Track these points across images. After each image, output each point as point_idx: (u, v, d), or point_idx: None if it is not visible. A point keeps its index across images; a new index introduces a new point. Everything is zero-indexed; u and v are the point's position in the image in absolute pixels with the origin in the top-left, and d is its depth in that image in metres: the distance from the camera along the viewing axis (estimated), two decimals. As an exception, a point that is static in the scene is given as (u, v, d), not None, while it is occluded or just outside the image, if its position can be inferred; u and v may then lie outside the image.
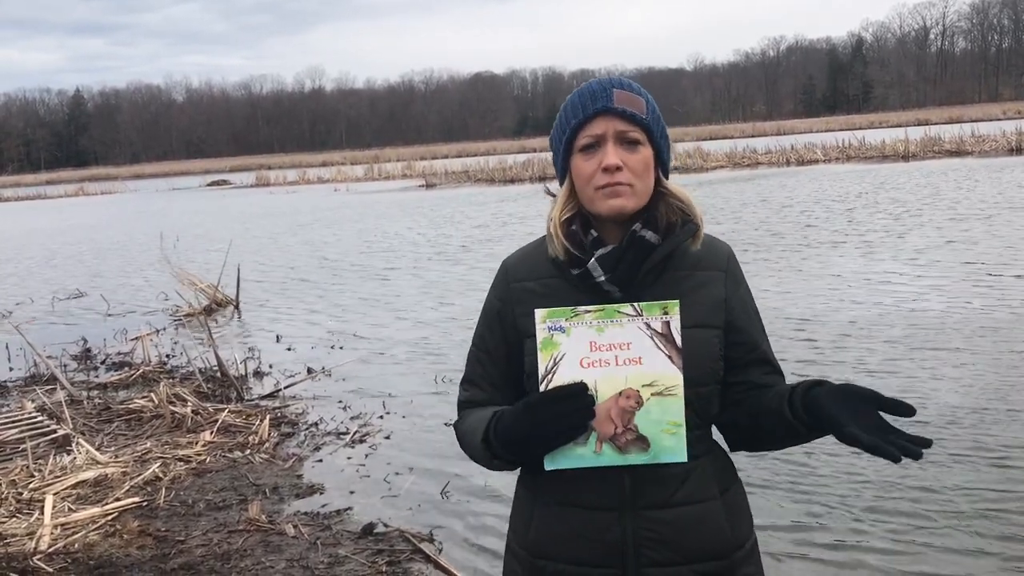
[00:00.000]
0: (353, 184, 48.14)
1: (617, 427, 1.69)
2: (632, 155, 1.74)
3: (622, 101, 1.74)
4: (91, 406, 7.49)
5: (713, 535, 1.76)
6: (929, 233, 14.10)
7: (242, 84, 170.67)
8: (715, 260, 1.84)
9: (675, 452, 1.70)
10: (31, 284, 16.50)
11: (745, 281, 1.89)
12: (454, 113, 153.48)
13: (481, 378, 1.93)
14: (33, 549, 4.66)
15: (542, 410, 1.67)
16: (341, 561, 4.45)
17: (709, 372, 1.77)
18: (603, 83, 1.78)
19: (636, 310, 1.70)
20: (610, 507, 1.74)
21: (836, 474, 5.13)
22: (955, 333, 7.98)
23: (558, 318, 1.71)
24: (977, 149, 33.84)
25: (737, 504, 1.85)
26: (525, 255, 1.91)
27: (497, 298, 1.90)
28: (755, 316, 1.88)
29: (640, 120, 1.74)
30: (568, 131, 1.78)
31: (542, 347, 1.71)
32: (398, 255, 16.73)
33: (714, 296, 1.81)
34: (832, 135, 47.62)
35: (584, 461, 1.71)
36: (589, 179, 1.75)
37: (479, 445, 1.80)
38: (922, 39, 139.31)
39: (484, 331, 1.92)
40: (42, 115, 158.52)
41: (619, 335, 1.70)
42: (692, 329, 1.74)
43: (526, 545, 1.85)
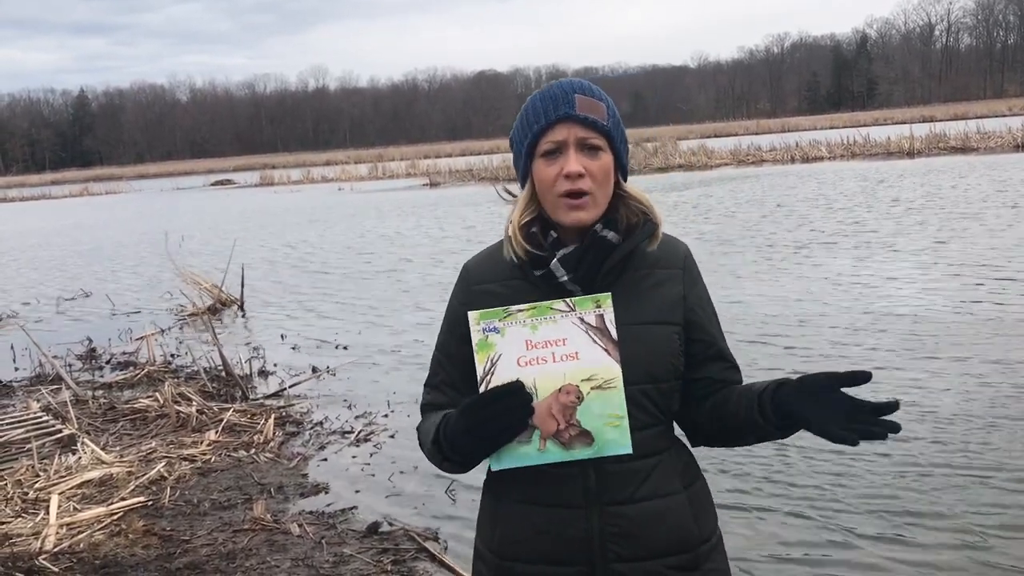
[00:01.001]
0: (357, 183, 48.16)
1: (560, 423, 1.69)
2: (593, 162, 1.76)
3: (584, 107, 1.75)
4: (96, 406, 7.50)
5: (678, 529, 1.78)
6: (930, 232, 14.07)
7: (246, 83, 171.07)
8: (672, 259, 1.87)
9: (619, 444, 1.70)
10: (36, 284, 16.53)
11: (702, 279, 1.92)
12: (458, 112, 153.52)
13: (442, 382, 1.94)
14: (39, 549, 4.66)
15: (480, 411, 1.68)
16: (346, 560, 4.45)
17: (670, 368, 1.80)
18: (564, 87, 1.79)
19: (569, 305, 1.70)
20: (575, 504, 1.75)
21: (823, 473, 5.12)
22: (955, 335, 7.96)
23: (491, 319, 1.72)
24: (982, 146, 33.75)
25: (701, 498, 1.86)
26: (486, 257, 1.93)
27: (459, 302, 1.91)
28: (712, 313, 1.91)
29: (601, 127, 1.76)
30: (530, 136, 1.79)
31: (478, 349, 1.72)
32: (403, 254, 16.72)
33: (673, 294, 1.83)
34: (837, 132, 47.56)
35: (529, 459, 1.71)
36: (551, 185, 1.77)
37: (431, 447, 1.82)
38: (927, 35, 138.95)
39: (446, 335, 1.93)
40: (46, 115, 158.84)
41: (554, 331, 1.70)
42: (652, 326, 1.78)
43: (492, 547, 1.85)
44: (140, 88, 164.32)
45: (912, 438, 5.47)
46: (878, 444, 5.30)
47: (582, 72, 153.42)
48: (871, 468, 5.12)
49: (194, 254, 18.86)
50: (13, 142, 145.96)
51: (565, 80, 1.82)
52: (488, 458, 1.76)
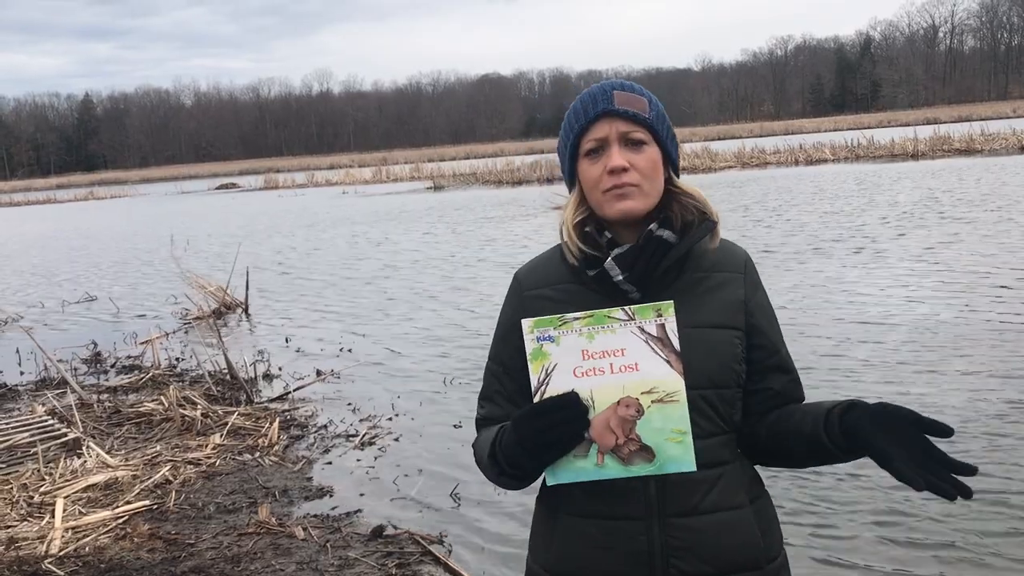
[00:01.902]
0: (361, 186, 48.22)
1: (618, 438, 1.61)
2: (638, 155, 1.71)
3: (623, 102, 1.72)
4: (101, 409, 7.51)
5: (745, 545, 1.70)
6: (931, 236, 14.04)
7: (250, 87, 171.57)
8: (733, 262, 1.81)
9: (682, 461, 1.61)
10: (41, 288, 16.56)
11: (763, 286, 1.85)
12: (461, 115, 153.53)
13: (497, 394, 1.87)
14: (44, 552, 4.67)
15: (532, 422, 1.62)
16: (351, 563, 4.45)
17: (731, 374, 1.73)
18: (603, 86, 1.77)
19: (628, 314, 1.62)
20: (636, 516, 1.68)
21: (841, 486, 5.11)
22: (960, 339, 7.94)
23: (546, 327, 1.64)
24: (987, 147, 33.72)
25: (767, 514, 1.79)
26: (537, 264, 1.89)
27: (512, 310, 1.86)
28: (774, 322, 1.84)
29: (643, 119, 1.72)
30: (572, 136, 1.77)
31: (532, 358, 1.65)
32: (406, 259, 16.73)
33: (734, 297, 1.77)
34: (841, 134, 47.54)
35: (586, 475, 1.63)
36: (596, 183, 1.73)
37: (488, 462, 1.76)
38: (931, 37, 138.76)
39: (499, 345, 1.88)
40: (52, 120, 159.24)
41: (612, 341, 1.62)
42: (711, 329, 1.72)
43: (548, 563, 1.78)
44: (145, 92, 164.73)
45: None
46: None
47: (585, 75, 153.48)
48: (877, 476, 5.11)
49: (199, 258, 18.88)
50: (19, 146, 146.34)
51: (605, 80, 1.80)
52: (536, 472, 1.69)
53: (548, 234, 17.81)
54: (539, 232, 18.35)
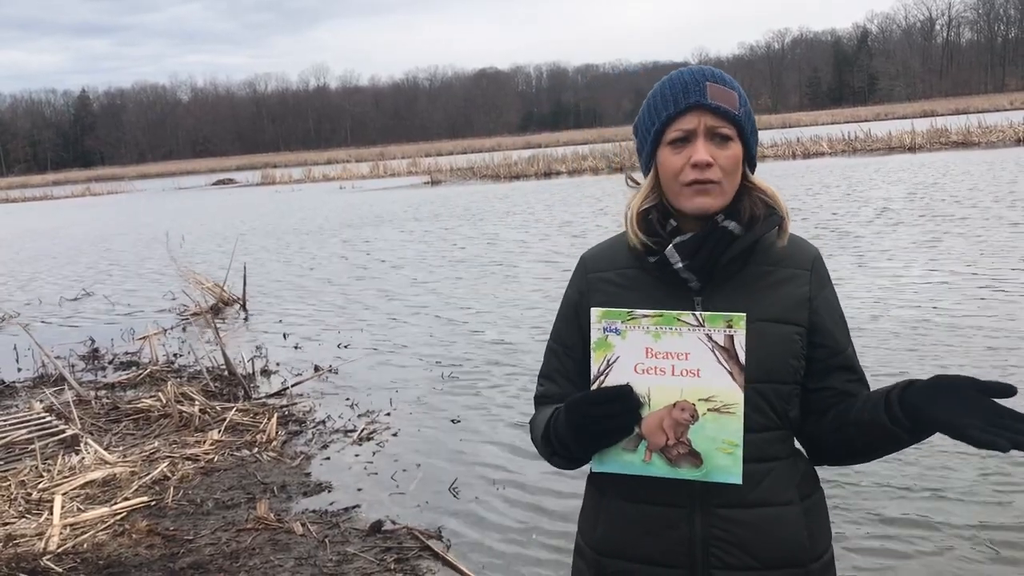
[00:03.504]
0: (359, 181, 48.20)
1: (669, 439, 1.63)
2: (722, 151, 1.69)
3: (716, 96, 1.69)
4: (99, 406, 7.50)
5: (789, 542, 1.69)
6: (929, 229, 14.04)
7: (247, 83, 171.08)
8: (801, 259, 1.78)
9: (729, 473, 1.62)
10: (38, 284, 16.54)
11: (831, 285, 1.82)
12: (459, 110, 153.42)
13: (557, 372, 1.89)
14: (43, 549, 4.67)
15: (585, 409, 1.64)
16: (349, 559, 4.45)
17: (789, 369, 1.71)
18: (695, 75, 1.73)
19: (698, 320, 1.62)
20: (680, 503, 1.69)
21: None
22: (963, 333, 7.95)
23: (614, 319, 1.65)
24: (984, 140, 33.77)
25: (817, 512, 1.78)
26: (604, 248, 1.89)
27: (576, 290, 1.87)
28: (840, 321, 1.81)
29: (732, 116, 1.70)
30: (658, 123, 1.73)
31: (596, 347, 1.67)
32: (403, 253, 16.73)
33: (797, 293, 1.74)
34: (838, 127, 47.53)
35: (631, 468, 1.66)
36: (677, 174, 1.70)
37: (541, 441, 1.79)
38: (928, 30, 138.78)
39: (561, 325, 1.90)
40: (48, 116, 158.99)
41: (677, 344, 1.62)
42: (771, 323, 1.70)
43: (593, 543, 1.80)
44: (142, 88, 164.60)
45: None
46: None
47: (582, 69, 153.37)
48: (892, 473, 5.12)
49: (196, 253, 18.86)
50: (15, 143, 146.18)
51: (696, 67, 1.76)
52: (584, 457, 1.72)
53: (549, 236, 17.82)
54: (527, 228, 18.33)
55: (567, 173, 38.07)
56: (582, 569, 1.83)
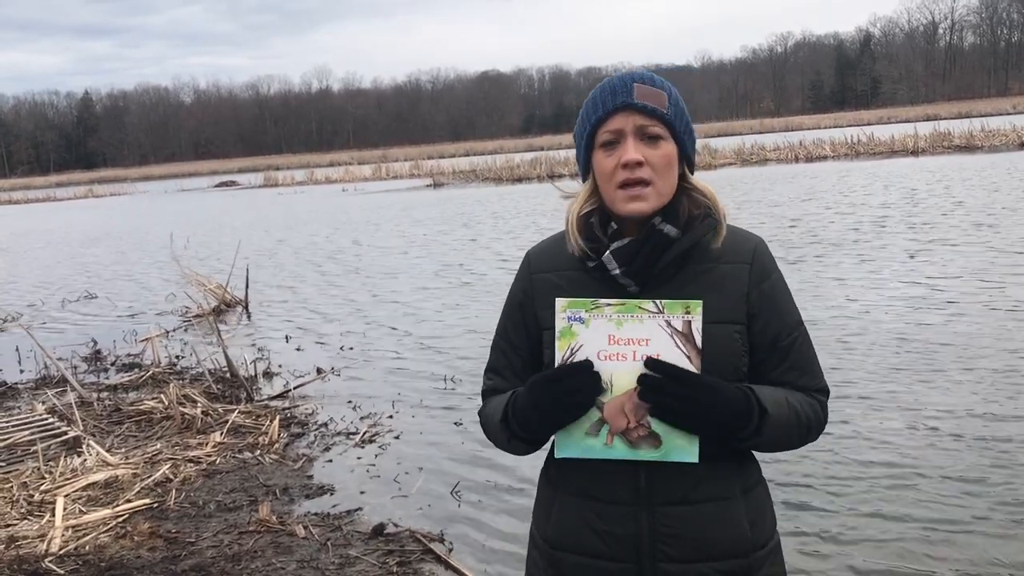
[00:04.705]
0: (361, 184, 48.21)
1: (630, 422, 1.68)
2: (653, 151, 1.71)
3: (642, 96, 1.71)
4: (101, 408, 7.50)
5: (733, 533, 1.74)
6: (929, 235, 14.03)
7: (249, 85, 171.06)
8: (740, 253, 1.79)
9: (686, 452, 1.68)
10: (41, 286, 16.55)
11: (776, 273, 1.83)
12: (461, 112, 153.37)
13: (504, 368, 1.93)
14: (45, 551, 4.66)
15: (547, 386, 1.69)
16: (352, 562, 4.44)
17: (730, 369, 1.73)
18: (624, 78, 1.76)
19: (658, 307, 1.67)
20: (625, 502, 1.73)
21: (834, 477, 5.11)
22: (956, 341, 7.93)
23: (578, 308, 1.70)
24: (987, 144, 33.73)
25: (759, 504, 1.82)
26: (548, 246, 1.92)
27: (520, 289, 1.91)
28: (784, 312, 1.81)
29: (660, 115, 1.72)
30: (589, 126, 1.76)
31: (560, 335, 1.71)
32: (408, 256, 16.73)
33: (736, 290, 1.76)
34: (840, 131, 47.50)
35: (594, 452, 1.70)
36: (610, 176, 1.73)
37: (498, 426, 1.83)
38: (931, 34, 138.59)
39: (507, 321, 1.94)
40: (51, 117, 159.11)
41: (638, 331, 1.68)
42: (712, 325, 1.71)
43: (546, 536, 1.85)
44: (144, 90, 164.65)
45: (909, 454, 5.45)
46: (871, 458, 5.31)
47: (584, 72, 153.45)
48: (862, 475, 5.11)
49: (199, 255, 18.86)
50: (18, 144, 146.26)
51: (627, 72, 1.79)
52: (553, 443, 1.77)
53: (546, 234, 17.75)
54: (539, 231, 18.34)
55: (569, 176, 38.06)
56: (536, 559, 1.89)
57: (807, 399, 1.80)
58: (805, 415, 1.78)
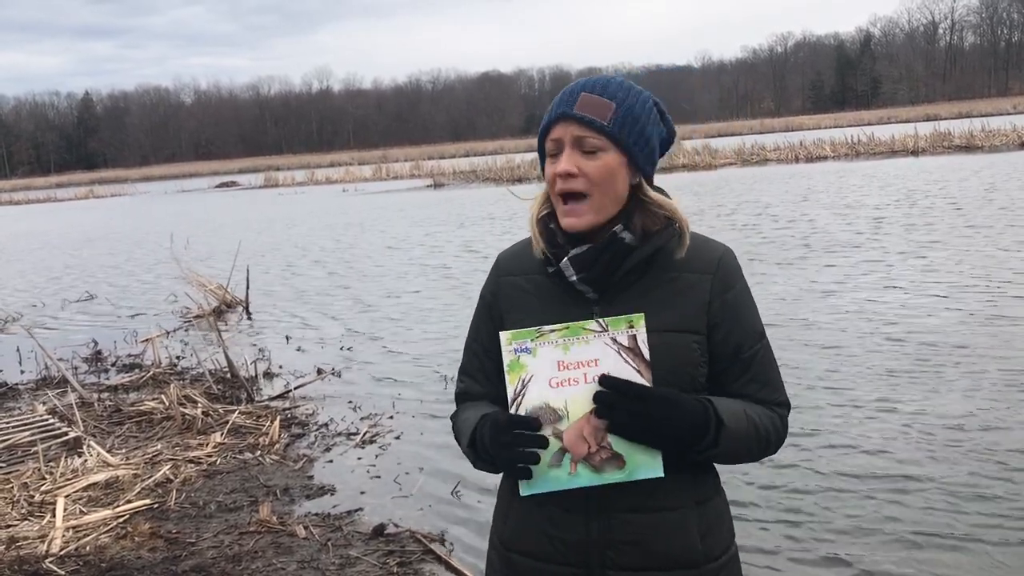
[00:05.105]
0: (361, 184, 48.22)
1: (591, 446, 1.65)
2: (590, 162, 1.69)
3: (584, 106, 1.69)
4: (102, 408, 7.50)
5: (682, 544, 1.73)
6: (930, 236, 14.03)
7: (250, 85, 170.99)
8: (703, 263, 1.77)
9: (651, 467, 1.66)
10: (42, 287, 16.56)
11: (741, 284, 1.80)
12: (461, 112, 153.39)
13: (477, 370, 1.94)
14: (45, 552, 4.67)
15: (498, 435, 1.68)
16: (352, 562, 4.45)
17: (687, 380, 1.71)
18: (575, 85, 1.75)
19: (602, 326, 1.65)
20: (576, 509, 1.73)
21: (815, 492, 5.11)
22: (956, 343, 7.93)
23: (523, 339, 1.67)
24: (987, 144, 33.73)
25: (714, 516, 1.79)
26: (517, 249, 1.92)
27: (489, 292, 1.92)
28: (747, 323, 1.78)
29: (599, 126, 1.68)
30: (540, 134, 1.78)
31: (509, 369, 1.68)
32: (406, 257, 16.73)
33: (697, 300, 1.74)
34: (841, 131, 47.49)
35: (560, 484, 1.67)
36: (552, 184, 1.74)
37: (467, 449, 1.83)
38: (931, 34, 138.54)
39: (478, 323, 1.95)
40: (51, 118, 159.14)
41: (586, 352, 1.65)
42: (668, 333, 1.70)
43: (503, 538, 1.86)
44: (145, 91, 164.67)
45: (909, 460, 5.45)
46: (867, 465, 5.31)
47: (585, 72, 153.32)
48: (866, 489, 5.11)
49: (199, 256, 18.85)
50: (19, 145, 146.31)
51: (587, 78, 1.77)
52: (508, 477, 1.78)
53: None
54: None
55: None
56: (493, 560, 1.90)
57: (767, 412, 1.78)
58: (764, 428, 1.75)
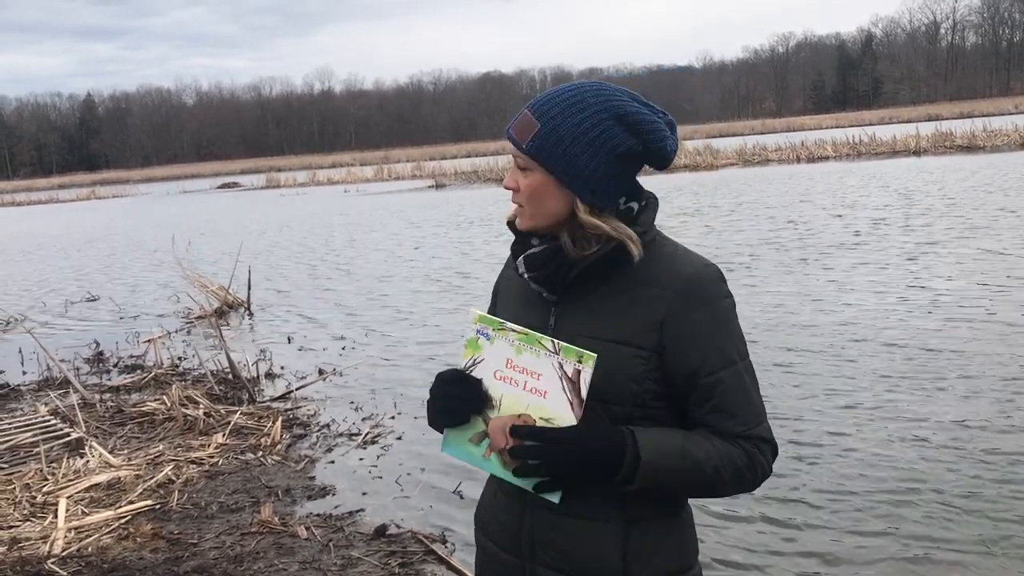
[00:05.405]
0: (363, 185, 48.26)
1: (507, 444, 1.70)
2: (523, 179, 1.73)
3: (516, 125, 1.73)
4: (104, 409, 7.51)
5: (598, 557, 1.71)
6: (931, 237, 14.03)
7: (251, 86, 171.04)
8: (669, 279, 1.68)
9: (549, 492, 1.69)
10: (43, 288, 16.57)
11: (715, 305, 1.69)
12: (463, 113, 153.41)
13: None
14: (47, 552, 4.68)
15: (441, 387, 1.76)
16: (354, 563, 4.45)
17: (626, 393, 1.68)
18: (529, 102, 1.78)
19: (555, 347, 1.67)
20: (513, 497, 1.79)
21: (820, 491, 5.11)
22: (957, 345, 7.93)
23: (487, 325, 1.75)
24: (989, 144, 33.72)
25: (649, 540, 1.73)
26: None
27: (496, 283, 2.01)
28: (711, 345, 1.68)
29: (520, 147, 1.71)
30: None
31: (467, 345, 1.77)
32: (409, 258, 16.74)
33: (649, 315, 1.68)
34: (842, 131, 47.49)
35: (472, 460, 1.76)
36: None
37: None
38: (932, 34, 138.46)
39: (491, 304, 2.03)
40: (53, 119, 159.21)
41: (533, 363, 1.69)
42: (611, 344, 1.67)
43: (477, 520, 1.96)
44: (146, 92, 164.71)
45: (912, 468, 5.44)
46: (868, 473, 5.30)
47: (587, 73, 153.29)
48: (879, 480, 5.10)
49: (201, 257, 18.87)
50: (21, 146, 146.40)
51: (546, 91, 1.78)
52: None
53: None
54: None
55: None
56: (478, 540, 1.97)
57: (728, 447, 1.67)
58: (714, 465, 1.65)
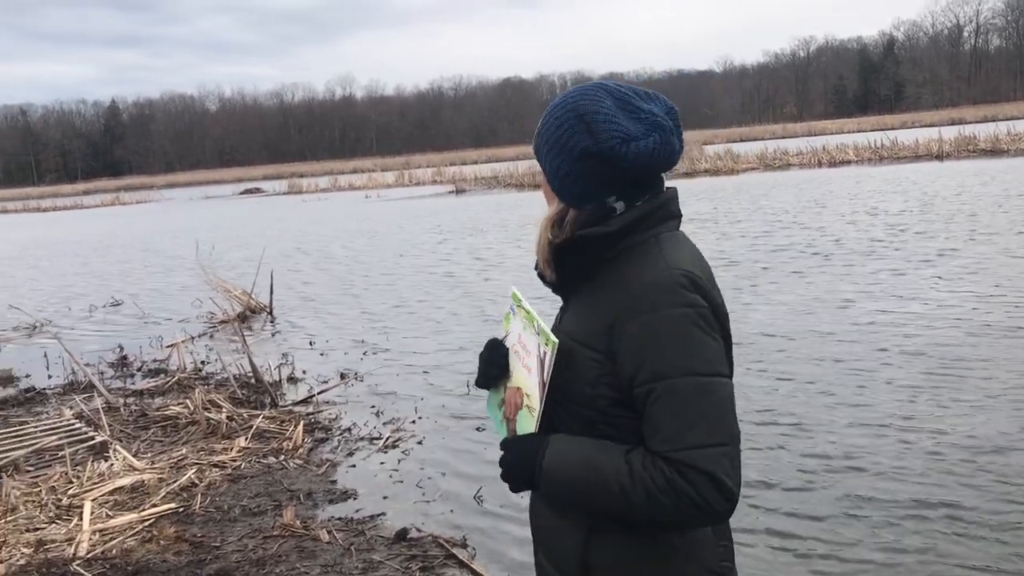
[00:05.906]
0: (384, 190, 48.39)
1: (509, 412, 1.83)
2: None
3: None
4: (128, 413, 7.58)
5: (562, 555, 1.78)
6: (952, 243, 13.90)
7: (274, 93, 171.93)
8: (629, 283, 1.64)
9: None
10: (69, 293, 16.73)
11: (660, 313, 1.59)
12: (483, 119, 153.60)
13: None
14: (73, 554, 4.72)
15: (485, 352, 1.91)
16: (375, 567, 4.47)
17: (585, 396, 1.67)
18: None
19: (537, 328, 1.76)
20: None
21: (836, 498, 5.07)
22: (971, 353, 7.86)
23: (514, 302, 1.90)
24: (1013, 147, 33.36)
25: (609, 553, 1.69)
26: None
27: None
28: (648, 356, 1.58)
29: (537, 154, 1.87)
30: None
31: (505, 318, 1.94)
32: (431, 263, 16.77)
33: (603, 318, 1.65)
34: (864, 135, 47.14)
35: (495, 423, 1.90)
36: None
37: None
38: (955, 37, 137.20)
39: None
40: (78, 126, 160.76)
41: (529, 343, 1.79)
42: (575, 344, 1.70)
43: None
44: (170, 98, 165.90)
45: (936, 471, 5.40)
46: (885, 488, 5.25)
47: (607, 77, 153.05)
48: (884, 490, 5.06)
49: (224, 262, 18.99)
50: (46, 152, 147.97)
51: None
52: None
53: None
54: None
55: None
56: None
57: (644, 465, 1.56)
58: (621, 482, 1.56)
